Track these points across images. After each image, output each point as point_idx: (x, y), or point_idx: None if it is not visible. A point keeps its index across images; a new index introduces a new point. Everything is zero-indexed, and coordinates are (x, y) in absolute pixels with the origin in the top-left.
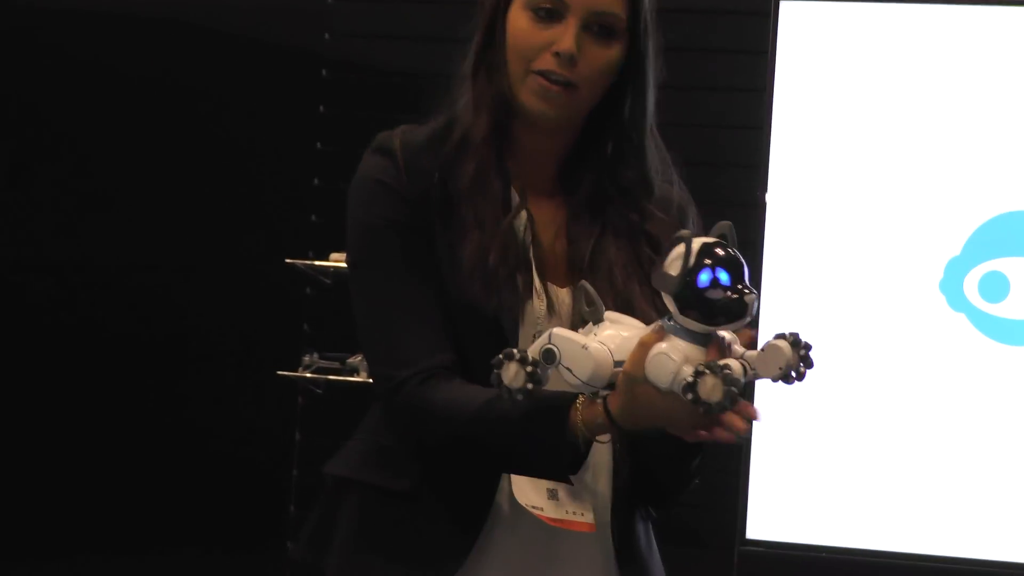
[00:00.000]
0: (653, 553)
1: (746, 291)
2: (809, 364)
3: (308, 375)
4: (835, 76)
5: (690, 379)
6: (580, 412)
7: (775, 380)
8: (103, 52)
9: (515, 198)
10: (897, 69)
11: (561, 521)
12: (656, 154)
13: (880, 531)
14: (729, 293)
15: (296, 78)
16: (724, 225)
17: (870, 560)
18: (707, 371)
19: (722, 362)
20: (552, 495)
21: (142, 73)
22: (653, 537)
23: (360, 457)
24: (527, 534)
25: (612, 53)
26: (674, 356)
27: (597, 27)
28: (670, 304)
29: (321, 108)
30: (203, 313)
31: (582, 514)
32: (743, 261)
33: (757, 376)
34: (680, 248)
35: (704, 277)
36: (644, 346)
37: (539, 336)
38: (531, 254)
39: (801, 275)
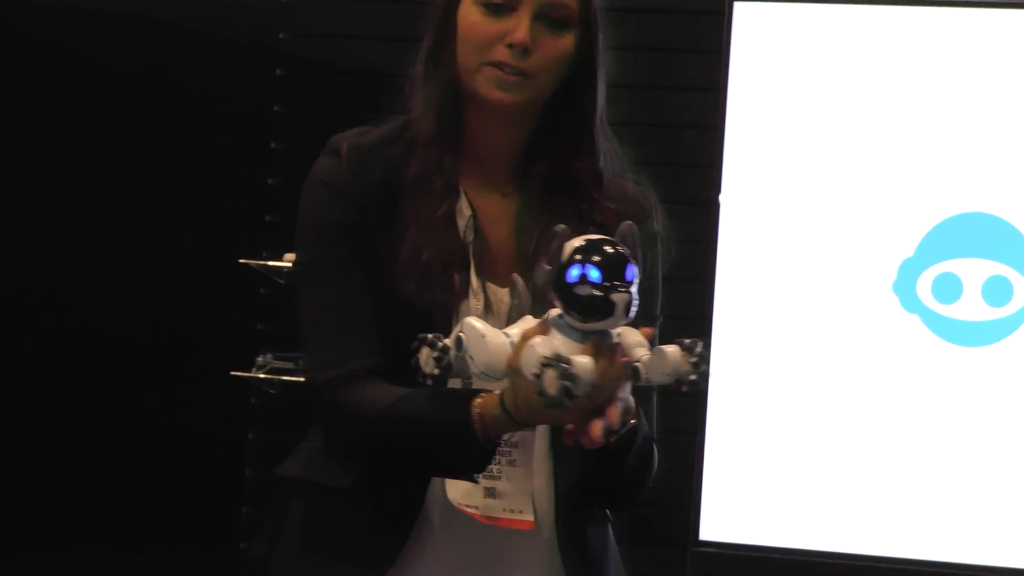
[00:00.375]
0: (609, 556)
1: (619, 290)
2: (700, 373)
3: (262, 375)
4: (789, 77)
5: (536, 371)
6: (479, 405)
7: (676, 388)
8: (46, 48)
9: (461, 196)
10: (851, 70)
11: (496, 519)
12: (608, 147)
13: (834, 532)
14: (597, 291)
15: (250, 77)
16: (625, 226)
17: (825, 562)
18: (550, 365)
19: (572, 358)
20: (489, 493)
21: (91, 70)
22: (611, 539)
23: (309, 457)
24: (465, 532)
25: (565, 43)
26: (540, 350)
27: (549, 17)
28: (555, 300)
29: (276, 107)
30: (156, 313)
31: (520, 512)
32: (627, 260)
33: (650, 381)
34: (554, 247)
35: (573, 273)
36: (525, 338)
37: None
38: (470, 251)
39: (755, 276)
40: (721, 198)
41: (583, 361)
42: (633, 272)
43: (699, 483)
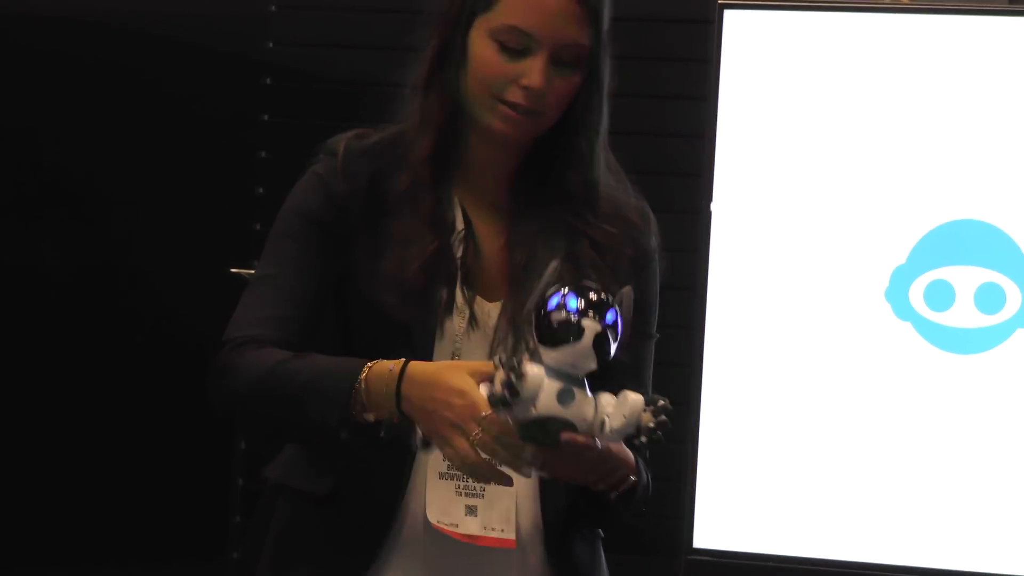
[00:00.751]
0: (598, 572)
1: (592, 318)
2: (658, 423)
3: None
4: (780, 85)
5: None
6: (369, 368)
7: (634, 440)
8: (35, 56)
9: (456, 212)
10: (842, 78)
11: (476, 538)
12: (607, 163)
13: (828, 540)
14: (572, 318)
15: (239, 86)
16: (625, 291)
17: (820, 570)
18: (502, 365)
19: (524, 363)
20: (470, 511)
21: (79, 80)
22: (601, 555)
23: (293, 461)
24: (444, 549)
25: (576, 80)
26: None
27: (563, 59)
28: (532, 331)
29: (265, 116)
30: (146, 322)
31: (502, 530)
32: (612, 305)
33: (613, 432)
34: (545, 281)
35: (553, 301)
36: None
37: (458, 353)
38: (457, 267)
39: (746, 285)
40: (712, 207)
41: (534, 369)
42: (615, 317)
43: (692, 491)
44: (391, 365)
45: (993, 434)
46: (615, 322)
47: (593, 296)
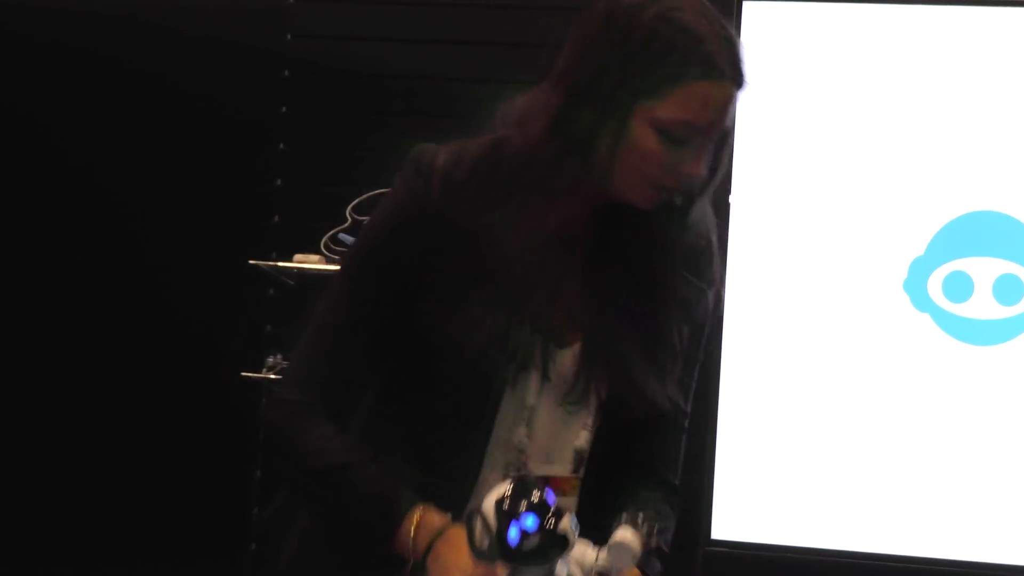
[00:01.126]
0: None
1: (560, 519)
2: (659, 533)
3: (272, 377)
4: (799, 76)
5: None
6: (420, 518)
7: (645, 565)
8: (57, 51)
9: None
10: (860, 69)
11: None
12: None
13: (845, 531)
14: (542, 535)
15: (258, 79)
16: (530, 479)
17: (835, 560)
18: None
19: None
20: None
21: (101, 74)
22: None
23: None
24: None
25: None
26: None
27: (714, 138)
28: (509, 568)
29: (283, 109)
30: (165, 314)
31: None
32: (543, 488)
33: (620, 571)
34: (478, 522)
35: (512, 535)
36: None
37: (527, 415)
38: (542, 328)
39: (766, 277)
40: (731, 198)
41: None
42: (552, 496)
43: (710, 483)
44: (439, 524)
45: (1012, 425)
46: (554, 499)
47: (535, 497)
